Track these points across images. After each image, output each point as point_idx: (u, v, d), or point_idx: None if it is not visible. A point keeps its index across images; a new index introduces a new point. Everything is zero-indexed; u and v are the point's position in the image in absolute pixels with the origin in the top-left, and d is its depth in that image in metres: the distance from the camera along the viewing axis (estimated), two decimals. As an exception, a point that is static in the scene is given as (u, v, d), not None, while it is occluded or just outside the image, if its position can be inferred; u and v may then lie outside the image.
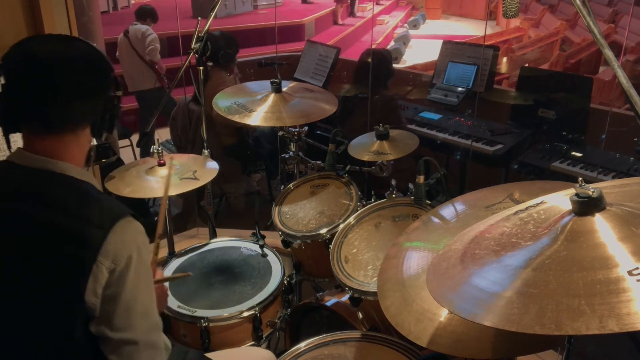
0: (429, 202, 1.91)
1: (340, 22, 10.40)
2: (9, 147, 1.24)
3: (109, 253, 1.11)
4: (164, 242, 2.35)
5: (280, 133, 2.48)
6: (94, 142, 1.27)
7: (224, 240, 2.28)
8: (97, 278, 1.10)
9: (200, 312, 1.87)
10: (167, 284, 1.56)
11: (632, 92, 1.17)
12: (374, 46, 8.04)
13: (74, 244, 1.10)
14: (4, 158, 1.21)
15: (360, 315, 1.81)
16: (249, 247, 2.21)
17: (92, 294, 1.11)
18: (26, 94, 1.13)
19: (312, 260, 2.15)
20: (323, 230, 2.04)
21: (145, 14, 4.84)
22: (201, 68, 2.31)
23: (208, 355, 1.64)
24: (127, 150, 4.46)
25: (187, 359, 1.54)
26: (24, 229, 1.12)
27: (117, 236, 1.12)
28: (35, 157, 1.16)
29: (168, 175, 1.84)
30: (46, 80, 1.13)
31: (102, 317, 1.13)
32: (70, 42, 1.20)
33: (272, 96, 2.23)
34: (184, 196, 3.53)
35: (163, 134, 4.13)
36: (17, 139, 1.21)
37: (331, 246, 1.91)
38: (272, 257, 2.14)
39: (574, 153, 3.14)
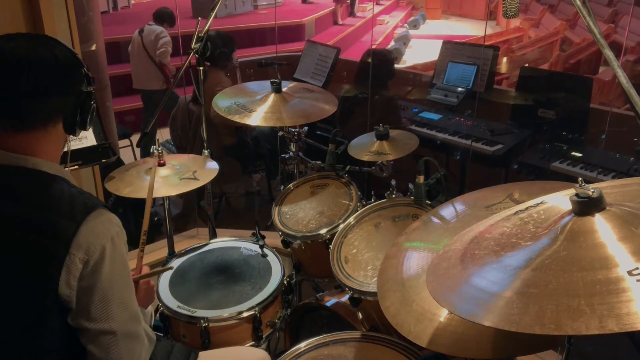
0: (429, 202, 1.91)
1: (340, 22, 10.39)
2: None
3: (82, 245, 1.12)
4: (164, 242, 2.35)
5: (280, 133, 2.48)
6: (93, 141, 1.27)
7: (224, 241, 2.28)
8: (71, 270, 1.12)
9: (200, 312, 1.87)
10: (153, 280, 1.56)
11: (632, 92, 1.17)
12: (374, 46, 8.04)
13: (46, 237, 1.12)
14: None
15: (360, 315, 1.81)
16: (249, 247, 2.21)
17: (66, 285, 1.12)
18: None
19: (312, 260, 2.15)
20: (323, 231, 2.04)
21: (164, 18, 4.89)
22: (201, 68, 2.31)
23: (203, 353, 1.64)
24: (127, 150, 4.46)
25: (174, 352, 1.54)
26: None
27: (90, 227, 1.14)
28: (7, 154, 1.17)
29: (152, 175, 1.83)
30: (10, 79, 1.15)
31: (79, 309, 1.15)
32: (37, 40, 1.21)
33: (272, 96, 2.23)
34: (183, 196, 3.53)
35: (165, 134, 4.13)
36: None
37: (331, 246, 1.91)
38: (272, 257, 2.14)
39: (574, 153, 3.14)
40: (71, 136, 1.29)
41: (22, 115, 1.17)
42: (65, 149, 1.31)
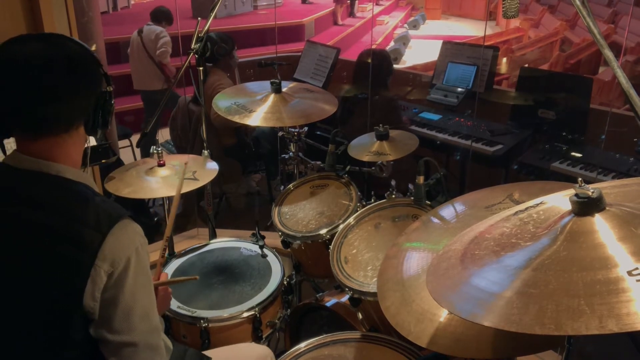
0: (428, 202, 1.91)
1: (340, 22, 10.40)
2: (3, 151, 1.23)
3: (107, 256, 1.10)
4: (163, 243, 2.35)
5: (280, 133, 2.48)
6: (92, 142, 1.25)
7: (224, 241, 2.28)
8: (96, 282, 1.09)
9: (200, 313, 1.87)
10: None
11: (632, 92, 1.17)
12: (373, 46, 8.04)
13: (71, 248, 1.09)
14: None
15: (360, 315, 1.81)
16: (249, 247, 2.21)
17: (91, 298, 1.10)
18: (10, 98, 1.10)
19: (311, 260, 2.15)
20: (323, 231, 2.04)
21: (161, 16, 4.91)
22: (201, 68, 2.31)
23: (206, 352, 1.64)
24: (127, 150, 4.46)
25: (187, 357, 1.54)
26: (21, 232, 1.11)
27: (115, 239, 1.11)
28: (29, 159, 1.14)
29: (182, 176, 1.83)
30: (29, 84, 1.10)
31: (101, 321, 1.13)
32: (52, 41, 1.15)
33: (272, 96, 2.23)
34: (183, 197, 3.53)
35: (165, 134, 4.13)
36: (12, 142, 1.20)
37: (331, 247, 1.91)
38: (271, 258, 2.14)
39: (573, 153, 3.14)
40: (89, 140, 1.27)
41: (41, 121, 1.13)
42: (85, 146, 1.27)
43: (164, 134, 4.19)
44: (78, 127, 1.18)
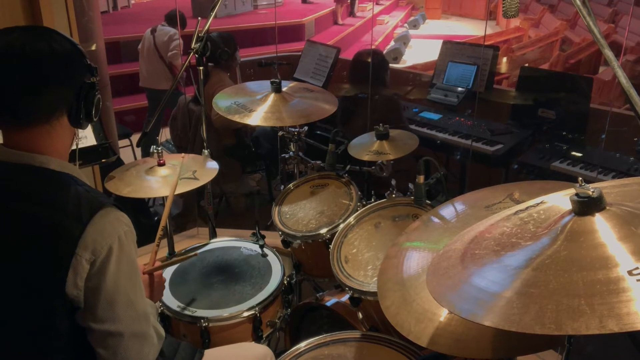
0: (429, 202, 1.91)
1: (340, 22, 10.40)
2: None
3: (88, 245, 1.11)
4: (164, 242, 2.35)
5: (280, 133, 2.48)
6: (93, 141, 1.26)
7: (224, 240, 2.27)
8: (77, 270, 1.10)
9: (200, 312, 1.87)
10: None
11: (632, 92, 1.17)
12: (373, 46, 8.03)
13: (52, 238, 1.10)
14: None
15: (360, 315, 1.81)
16: (249, 247, 2.21)
17: (73, 286, 1.11)
18: None
19: (312, 260, 2.15)
20: (323, 230, 2.04)
21: (175, 19, 4.92)
22: (201, 68, 2.31)
23: (207, 352, 1.64)
24: (127, 150, 4.46)
25: (180, 350, 1.54)
26: (2, 223, 1.13)
27: (96, 227, 1.12)
28: (13, 151, 1.15)
29: (177, 174, 1.83)
30: (7, 74, 1.12)
31: (86, 309, 1.14)
32: (35, 32, 1.17)
33: (272, 96, 2.23)
34: (184, 196, 3.53)
35: (167, 134, 4.13)
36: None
37: (331, 246, 1.91)
38: (272, 257, 2.14)
39: (574, 153, 3.14)
40: (78, 134, 1.28)
41: (22, 111, 1.14)
42: (73, 147, 1.29)
43: (166, 133, 4.19)
44: (60, 117, 1.19)
